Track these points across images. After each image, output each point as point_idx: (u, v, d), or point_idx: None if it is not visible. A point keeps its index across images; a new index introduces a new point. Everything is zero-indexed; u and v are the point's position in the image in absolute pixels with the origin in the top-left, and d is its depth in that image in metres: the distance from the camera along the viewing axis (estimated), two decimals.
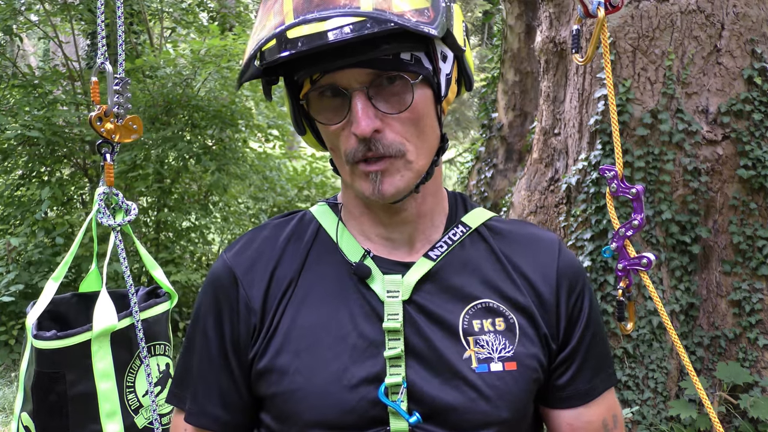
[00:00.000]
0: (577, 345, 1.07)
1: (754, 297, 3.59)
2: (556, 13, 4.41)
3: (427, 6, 0.91)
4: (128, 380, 1.46)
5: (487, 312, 1.03)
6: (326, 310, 1.02)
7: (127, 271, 1.51)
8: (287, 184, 7.22)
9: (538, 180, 4.48)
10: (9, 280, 5.59)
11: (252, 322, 1.04)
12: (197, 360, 1.08)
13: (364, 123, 0.92)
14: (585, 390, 1.08)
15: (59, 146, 5.84)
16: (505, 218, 1.15)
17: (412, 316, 1.01)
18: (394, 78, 0.94)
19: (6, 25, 5.79)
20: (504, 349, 1.02)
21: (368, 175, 0.96)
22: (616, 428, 1.10)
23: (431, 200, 1.07)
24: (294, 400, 0.99)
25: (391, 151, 0.95)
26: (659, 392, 3.58)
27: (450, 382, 0.99)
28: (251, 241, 1.10)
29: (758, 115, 3.59)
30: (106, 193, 1.50)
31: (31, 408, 1.41)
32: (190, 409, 1.07)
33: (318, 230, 1.10)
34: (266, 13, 0.94)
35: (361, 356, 0.99)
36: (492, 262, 1.07)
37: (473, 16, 11.11)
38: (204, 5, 7.21)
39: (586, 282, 1.11)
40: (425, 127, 0.98)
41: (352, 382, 0.98)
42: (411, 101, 0.94)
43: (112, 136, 1.45)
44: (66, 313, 1.57)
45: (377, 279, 1.02)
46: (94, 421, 1.41)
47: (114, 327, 1.43)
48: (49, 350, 1.39)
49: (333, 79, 0.93)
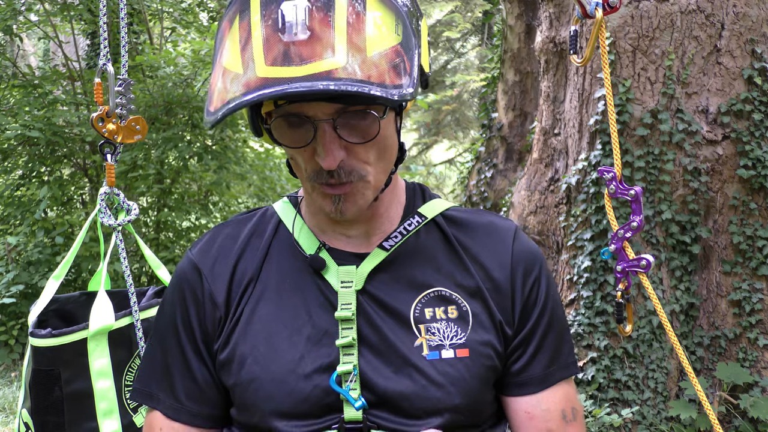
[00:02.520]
0: (532, 329, 1.08)
1: (754, 297, 3.59)
2: (556, 13, 4.41)
3: (396, 44, 0.89)
4: (127, 379, 1.47)
5: (440, 300, 1.05)
6: (284, 302, 1.05)
7: (127, 271, 1.52)
8: (287, 184, 7.22)
9: (538, 180, 4.48)
10: (9, 281, 5.58)
11: (217, 316, 1.07)
12: (169, 356, 1.09)
13: (330, 158, 0.93)
14: (540, 376, 1.08)
15: (59, 146, 5.84)
16: (464, 207, 1.17)
17: (365, 306, 1.03)
18: (360, 110, 0.93)
19: (6, 25, 5.78)
20: (456, 336, 1.03)
21: (329, 196, 0.98)
22: (575, 421, 1.10)
23: (386, 198, 1.10)
24: (251, 389, 1.02)
25: (352, 177, 0.97)
26: (659, 392, 3.58)
27: (401, 370, 1.01)
28: (215, 237, 1.13)
29: (758, 115, 3.59)
30: (108, 193, 1.50)
31: (30, 405, 1.42)
32: (168, 404, 1.08)
33: (278, 225, 1.12)
34: (235, 53, 0.89)
35: (315, 346, 1.02)
36: (447, 250, 1.09)
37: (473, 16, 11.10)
38: (204, 5, 7.20)
39: (544, 268, 1.11)
40: (387, 148, 1.00)
41: (306, 371, 1.00)
42: (377, 133, 0.95)
43: (114, 136, 1.46)
44: (74, 311, 1.59)
45: (332, 270, 1.05)
46: (90, 419, 1.42)
47: (111, 326, 1.44)
48: (45, 348, 1.39)
49: (299, 109, 0.93)
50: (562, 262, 3.97)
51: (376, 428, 1.00)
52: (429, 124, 11.98)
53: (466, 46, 12.52)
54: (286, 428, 1.00)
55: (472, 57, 12.47)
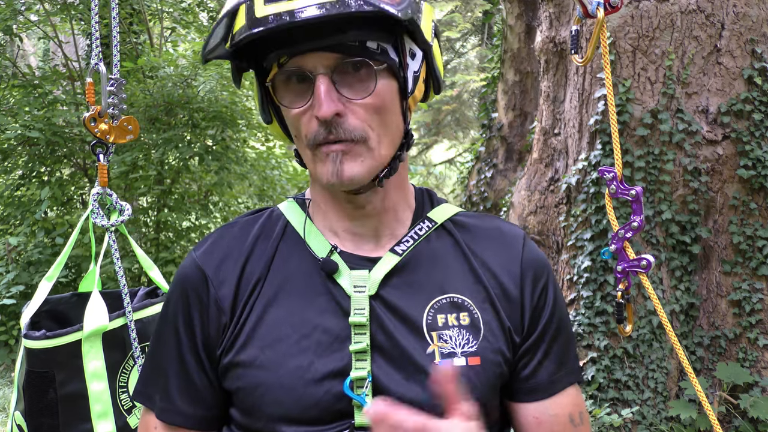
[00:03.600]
0: (539, 336, 1.08)
1: (754, 297, 3.58)
2: (556, 13, 4.40)
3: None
4: (121, 380, 1.46)
5: (452, 307, 1.04)
6: (293, 305, 1.03)
7: (120, 272, 1.51)
8: (287, 184, 7.22)
9: (538, 180, 4.47)
10: (9, 281, 5.59)
11: (222, 321, 1.05)
12: (168, 358, 1.08)
13: (325, 106, 0.93)
14: (548, 382, 1.08)
15: (59, 146, 5.84)
16: (471, 212, 1.16)
17: (377, 312, 1.02)
18: (359, 65, 0.95)
19: (6, 25, 5.78)
20: (467, 344, 1.03)
21: (329, 156, 0.97)
22: (583, 424, 1.10)
23: (395, 195, 1.08)
24: (257, 394, 1.01)
25: (352, 135, 0.96)
26: (659, 392, 3.58)
27: (413, 377, 1.00)
28: (220, 239, 1.11)
29: (758, 115, 3.58)
30: (100, 193, 1.50)
31: (23, 407, 1.42)
32: (162, 406, 1.08)
33: (286, 227, 1.11)
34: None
35: (326, 351, 1.00)
36: (457, 256, 1.08)
37: (473, 16, 11.10)
38: (204, 5, 7.20)
39: (551, 275, 1.11)
40: (388, 117, 0.99)
41: (316, 377, 0.99)
42: (374, 88, 0.96)
43: (107, 136, 1.45)
44: (66, 312, 1.58)
45: (344, 274, 1.03)
46: (85, 420, 1.41)
47: (105, 327, 1.43)
48: (39, 350, 1.39)
49: (299, 63, 0.95)
50: (562, 262, 3.97)
51: None
52: (429, 124, 11.98)
53: (466, 46, 12.52)
54: None
55: (472, 57, 12.48)
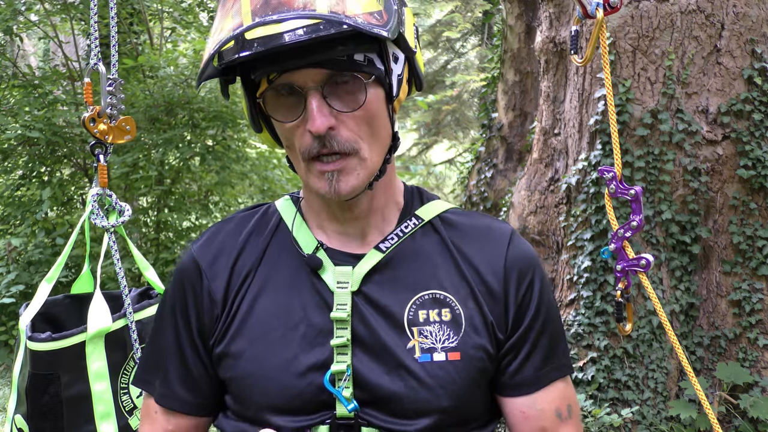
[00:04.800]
0: (524, 333, 1.09)
1: (754, 297, 3.58)
2: (556, 13, 4.40)
3: (380, 9, 0.94)
4: (122, 381, 1.46)
5: (434, 303, 1.06)
6: (280, 299, 1.07)
7: (121, 273, 1.51)
8: (287, 184, 7.22)
9: (538, 180, 4.47)
10: (9, 281, 5.59)
11: (214, 313, 1.09)
12: (167, 346, 1.13)
13: (319, 121, 0.96)
14: (534, 377, 1.10)
15: (59, 146, 5.84)
16: (462, 210, 1.18)
17: (360, 307, 1.05)
18: (348, 78, 0.97)
19: (6, 25, 5.78)
20: (448, 339, 1.05)
21: (324, 174, 1.00)
22: (571, 418, 1.12)
23: (383, 196, 1.11)
24: (246, 384, 1.05)
25: (345, 148, 0.99)
26: (659, 392, 3.58)
27: (394, 371, 1.03)
28: (216, 233, 1.16)
29: (758, 115, 3.58)
30: (100, 194, 1.50)
31: (25, 410, 1.41)
32: (161, 392, 1.13)
33: (279, 223, 1.15)
34: (225, 15, 0.97)
35: (309, 344, 1.04)
36: (442, 253, 1.10)
37: (473, 16, 11.08)
38: (204, 5, 7.19)
39: (538, 271, 1.12)
40: (378, 125, 1.02)
41: (300, 370, 1.03)
42: (364, 100, 0.98)
43: (105, 137, 1.45)
44: (59, 314, 1.57)
45: (328, 270, 1.07)
46: (88, 422, 1.41)
47: (108, 328, 1.43)
48: (44, 352, 1.38)
49: (289, 79, 0.97)
50: (562, 262, 3.97)
51: (366, 425, 1.03)
52: (429, 124, 11.97)
53: (466, 46, 12.51)
54: (279, 422, 1.03)
55: (472, 57, 12.46)
